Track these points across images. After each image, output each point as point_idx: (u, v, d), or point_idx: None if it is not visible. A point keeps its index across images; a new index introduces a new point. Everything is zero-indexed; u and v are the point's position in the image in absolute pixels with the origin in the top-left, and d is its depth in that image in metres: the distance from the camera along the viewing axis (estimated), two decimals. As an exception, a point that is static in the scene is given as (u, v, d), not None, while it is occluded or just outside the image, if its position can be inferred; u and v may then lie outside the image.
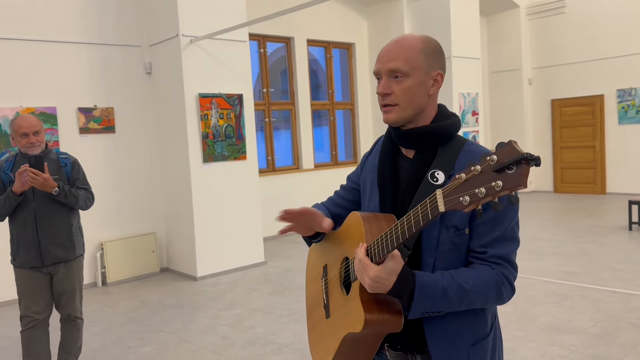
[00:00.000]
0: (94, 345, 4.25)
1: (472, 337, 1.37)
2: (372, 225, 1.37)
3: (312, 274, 1.74)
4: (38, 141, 3.24)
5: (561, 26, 11.01)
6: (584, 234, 7.24)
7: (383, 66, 1.37)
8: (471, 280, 1.28)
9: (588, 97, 10.79)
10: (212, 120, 6.19)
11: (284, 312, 4.78)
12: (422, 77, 1.37)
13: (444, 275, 1.29)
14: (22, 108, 5.59)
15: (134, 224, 6.48)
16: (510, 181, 0.97)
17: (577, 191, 11.14)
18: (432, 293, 1.25)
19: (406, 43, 1.37)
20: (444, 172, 1.34)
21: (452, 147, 1.38)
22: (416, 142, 1.40)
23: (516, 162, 0.97)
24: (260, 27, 7.99)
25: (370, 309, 1.32)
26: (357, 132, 9.76)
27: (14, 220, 3.28)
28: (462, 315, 1.35)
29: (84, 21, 6.07)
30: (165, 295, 5.58)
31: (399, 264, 1.25)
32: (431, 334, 1.35)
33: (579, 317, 4.22)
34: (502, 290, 1.32)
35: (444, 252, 1.34)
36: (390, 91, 1.37)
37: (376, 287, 1.25)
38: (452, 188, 1.07)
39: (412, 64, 1.35)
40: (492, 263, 1.32)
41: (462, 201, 1.04)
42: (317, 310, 1.66)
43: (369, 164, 1.59)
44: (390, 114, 1.39)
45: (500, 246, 1.32)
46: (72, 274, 3.39)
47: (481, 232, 1.33)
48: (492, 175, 1.00)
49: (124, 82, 6.38)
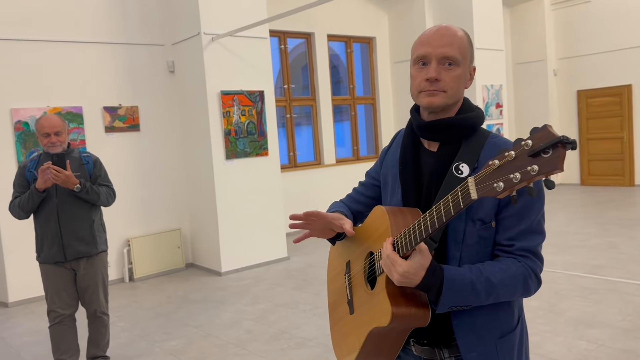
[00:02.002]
0: (121, 340, 4.34)
1: (499, 330, 1.37)
2: (398, 219, 1.36)
3: (334, 271, 1.72)
4: (59, 141, 3.32)
5: (587, 15, 10.77)
6: (611, 226, 7.10)
7: (435, 50, 1.34)
8: (499, 273, 1.28)
9: (615, 88, 10.54)
10: (234, 117, 6.24)
11: (307, 307, 4.81)
12: (466, 69, 1.38)
13: (471, 269, 1.29)
14: (49, 108, 5.71)
15: (159, 220, 6.57)
16: (547, 165, 0.96)
17: (604, 183, 10.92)
18: (460, 287, 1.25)
19: (455, 32, 1.36)
20: (468, 164, 1.33)
21: (476, 139, 1.37)
22: (440, 133, 1.39)
23: (552, 145, 0.96)
24: (280, 23, 8.01)
25: (397, 302, 1.31)
26: (379, 127, 9.72)
27: (38, 217, 3.38)
28: (489, 308, 1.34)
29: (108, 22, 6.17)
30: (190, 290, 5.66)
31: (427, 259, 1.24)
32: (459, 327, 1.34)
33: (607, 311, 4.14)
34: (529, 283, 1.31)
35: (470, 245, 1.33)
36: (441, 77, 1.34)
37: (405, 282, 1.25)
38: (484, 175, 1.05)
39: (464, 53, 1.36)
40: (519, 256, 1.31)
41: (495, 187, 1.03)
42: (341, 307, 1.63)
43: (389, 158, 1.57)
44: (437, 98, 1.35)
45: (527, 239, 1.32)
46: (95, 270, 3.46)
47: (508, 225, 1.32)
48: (527, 160, 0.98)
49: (147, 81, 6.46)
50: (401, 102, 9.69)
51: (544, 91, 11.26)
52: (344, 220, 1.50)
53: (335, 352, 1.66)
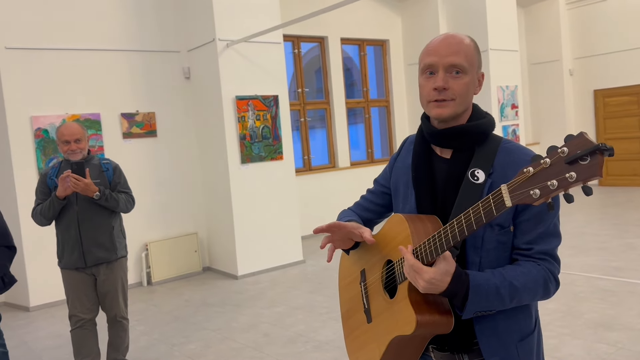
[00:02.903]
0: (141, 343, 4.39)
1: (519, 333, 1.38)
2: (418, 226, 1.36)
3: (346, 279, 1.70)
4: (79, 148, 3.37)
5: (602, 14, 10.66)
6: (631, 228, 7.01)
7: (442, 60, 1.34)
8: (521, 277, 1.29)
9: (633, 87, 10.41)
10: (249, 122, 6.29)
11: (323, 310, 4.82)
12: (474, 76, 1.39)
13: (494, 273, 1.30)
14: (68, 115, 5.81)
15: (176, 225, 6.64)
16: (585, 172, 0.97)
17: (623, 184, 10.78)
18: (485, 292, 1.26)
19: (462, 40, 1.37)
20: (483, 170, 1.34)
21: (489, 145, 1.38)
22: (454, 141, 1.40)
23: (590, 152, 0.96)
24: (294, 28, 8.05)
25: (420, 310, 1.31)
26: (393, 129, 9.72)
27: (59, 224, 3.44)
28: (510, 312, 1.36)
29: (125, 29, 6.26)
30: (207, 294, 5.70)
31: (451, 265, 1.25)
32: (482, 332, 1.35)
33: (627, 314, 4.10)
34: (549, 286, 1.33)
35: (489, 250, 1.34)
36: (448, 86, 1.35)
37: (430, 289, 1.25)
38: (518, 182, 1.06)
39: (471, 61, 1.37)
40: (538, 259, 1.33)
41: (532, 194, 1.04)
42: (356, 316, 1.62)
43: (399, 165, 1.57)
44: (446, 109, 1.36)
45: (545, 242, 1.33)
46: (114, 275, 3.51)
47: (525, 229, 1.33)
48: (565, 167, 0.99)
49: (164, 87, 6.54)
50: (415, 104, 9.66)
51: (560, 91, 11.16)
52: (363, 229, 1.49)
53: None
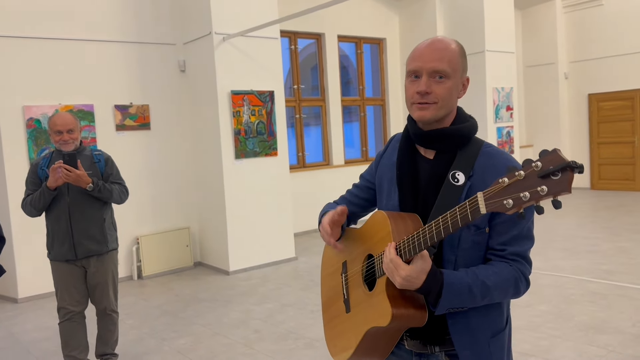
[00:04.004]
0: (130, 337, 4.35)
1: (491, 330, 1.44)
2: (399, 224, 1.41)
3: (328, 269, 1.76)
4: (71, 139, 3.33)
5: (599, 19, 10.70)
6: (622, 231, 7.04)
7: (425, 65, 1.40)
8: (493, 277, 1.35)
9: (627, 92, 10.47)
10: (244, 117, 6.25)
11: (314, 308, 4.81)
12: (458, 80, 1.43)
13: (467, 272, 1.36)
14: (61, 106, 5.75)
15: (168, 219, 6.60)
16: (555, 187, 1.02)
17: (614, 188, 10.84)
18: (458, 290, 1.32)
19: (446, 45, 1.41)
20: (464, 173, 1.39)
21: (470, 148, 1.44)
22: (437, 142, 1.45)
23: (561, 169, 1.02)
24: (291, 23, 8.01)
25: (396, 304, 1.37)
26: (388, 128, 9.71)
27: (49, 215, 3.39)
28: (482, 309, 1.41)
29: (120, 20, 6.20)
30: (198, 289, 5.67)
31: (428, 263, 1.30)
32: (455, 328, 1.41)
33: (618, 317, 4.11)
34: (520, 286, 1.40)
35: (465, 249, 1.40)
36: (431, 90, 1.40)
37: (406, 285, 1.31)
38: (493, 192, 1.12)
39: (454, 66, 1.41)
40: (510, 260, 1.39)
41: (505, 204, 1.09)
42: (336, 305, 1.69)
43: (385, 162, 1.62)
44: (427, 112, 1.42)
45: (518, 244, 1.39)
46: (105, 268, 3.47)
47: (500, 230, 1.39)
48: (537, 181, 1.04)
49: (158, 80, 6.49)
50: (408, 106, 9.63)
51: (555, 94, 11.20)
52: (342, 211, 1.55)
53: (329, 348, 1.71)
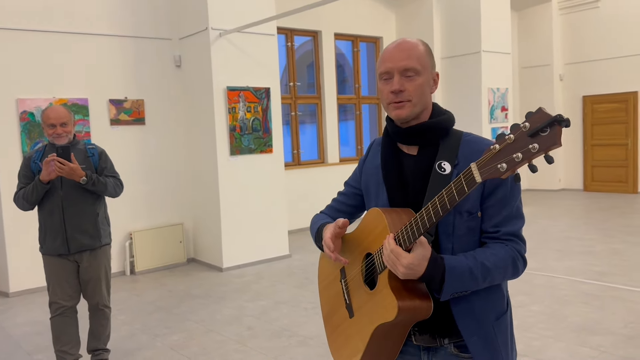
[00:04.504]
0: (122, 333, 4.33)
1: (495, 313, 1.46)
2: (394, 217, 1.42)
3: (326, 280, 1.75)
4: (65, 132, 3.29)
5: (594, 21, 10.74)
6: (615, 233, 7.08)
7: (395, 65, 1.44)
8: (491, 257, 1.38)
9: (621, 94, 10.51)
10: (240, 114, 6.23)
11: (308, 305, 4.80)
12: (428, 76, 1.48)
13: (467, 256, 1.38)
14: (55, 99, 5.70)
15: (162, 214, 6.57)
16: (546, 142, 1.05)
17: (607, 190, 10.89)
18: (460, 274, 1.34)
19: (413, 45, 1.47)
20: (449, 162, 1.43)
21: (451, 139, 1.47)
22: (419, 137, 1.49)
23: (549, 124, 1.05)
24: (288, 20, 7.99)
25: (401, 296, 1.36)
26: (383, 127, 9.69)
27: (42, 208, 3.36)
28: (484, 293, 1.43)
29: (116, 15, 6.15)
30: (191, 285, 5.65)
31: (427, 250, 1.32)
32: (459, 314, 1.42)
33: (610, 318, 4.12)
34: (517, 264, 1.43)
35: (460, 236, 1.43)
36: (404, 88, 1.44)
37: (409, 274, 1.31)
38: (486, 159, 1.13)
39: (423, 63, 1.46)
40: (505, 240, 1.43)
41: (499, 168, 1.11)
42: (338, 313, 1.65)
43: (368, 166, 1.65)
44: (403, 110, 1.46)
45: (510, 224, 1.43)
46: (98, 262, 3.44)
47: (492, 213, 1.43)
48: (527, 140, 1.07)
49: (154, 75, 6.45)
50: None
51: (550, 96, 11.23)
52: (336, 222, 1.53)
53: (335, 358, 1.66)
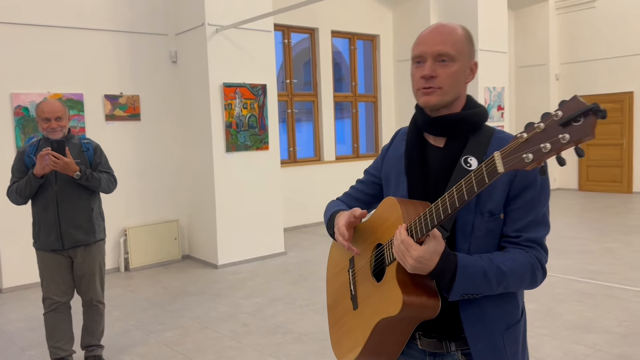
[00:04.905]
0: (116, 329, 4.31)
1: (505, 322, 1.38)
2: (409, 208, 1.35)
3: (334, 270, 1.67)
4: (60, 126, 3.27)
5: (591, 21, 10.76)
6: (609, 232, 7.10)
7: (429, 49, 1.35)
8: (508, 262, 1.29)
9: (617, 94, 10.55)
10: (236, 110, 6.20)
11: (303, 302, 4.79)
12: (464, 64, 1.38)
13: (482, 257, 1.30)
14: (50, 94, 5.67)
15: (157, 211, 6.54)
16: (578, 132, 0.96)
17: (602, 189, 10.93)
18: (473, 274, 1.26)
19: (451, 29, 1.37)
20: (477, 158, 1.34)
21: (482, 135, 1.39)
22: (448, 128, 1.40)
23: (583, 113, 0.96)
24: (284, 17, 7.97)
25: (408, 290, 1.28)
26: (380, 125, 9.70)
27: (36, 203, 3.33)
28: (497, 300, 1.35)
29: (112, 9, 6.12)
30: (186, 282, 5.63)
31: (441, 245, 1.24)
32: (468, 320, 1.34)
33: (604, 317, 4.14)
34: (536, 273, 1.34)
35: (478, 237, 1.34)
36: (436, 74, 1.35)
37: (418, 268, 1.24)
38: (511, 148, 1.05)
39: (459, 49, 1.36)
40: (526, 247, 1.34)
41: (524, 158, 1.02)
42: (342, 305, 1.58)
43: (391, 155, 1.58)
44: (432, 97, 1.37)
45: (534, 230, 1.34)
46: (92, 258, 3.42)
47: (516, 217, 1.34)
48: (558, 129, 0.99)
49: (149, 70, 6.42)
50: (403, 101, 9.65)
51: (546, 95, 11.25)
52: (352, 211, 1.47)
53: (335, 351, 1.59)
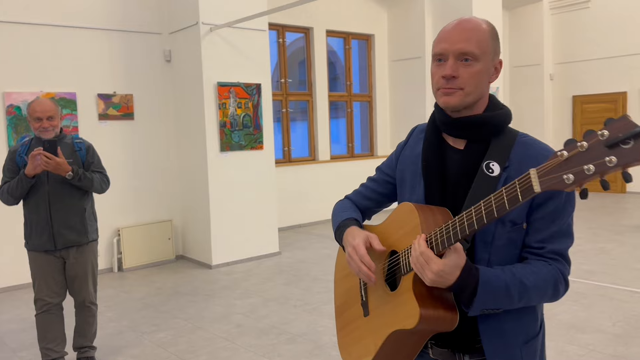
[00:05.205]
0: (109, 330, 4.28)
1: (524, 335, 1.33)
2: (427, 216, 1.28)
3: (343, 271, 1.62)
4: (51, 126, 3.24)
5: (585, 21, 10.80)
6: (603, 232, 7.12)
7: (451, 47, 1.28)
8: (531, 276, 1.24)
9: (611, 94, 10.59)
10: (230, 109, 6.18)
11: (297, 303, 4.78)
12: (488, 64, 1.31)
13: (504, 270, 1.24)
14: (43, 93, 5.63)
15: (150, 211, 6.51)
16: (627, 156, 0.89)
17: (595, 189, 10.95)
18: (495, 289, 1.20)
19: (475, 25, 1.30)
20: (499, 163, 1.28)
21: (505, 138, 1.32)
22: (469, 131, 1.33)
23: (634, 135, 0.88)
24: (279, 16, 7.95)
25: (425, 303, 1.24)
26: (375, 125, 9.69)
27: (27, 203, 3.30)
28: (516, 313, 1.30)
29: (105, 7, 6.08)
30: (180, 283, 5.60)
31: (462, 258, 1.18)
32: (486, 333, 1.29)
33: (598, 317, 4.14)
34: (559, 287, 1.28)
35: (499, 247, 1.28)
36: (458, 74, 1.28)
37: (438, 282, 1.18)
38: (549, 167, 0.99)
39: (483, 48, 1.29)
40: (549, 259, 1.28)
41: (565, 179, 0.96)
42: (352, 309, 1.55)
43: (407, 154, 1.50)
44: (452, 97, 1.29)
45: (558, 242, 1.28)
46: (84, 259, 3.40)
47: (539, 227, 1.27)
48: (603, 151, 0.92)
49: (143, 69, 6.39)
50: (398, 101, 9.65)
51: (540, 95, 11.28)
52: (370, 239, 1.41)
53: (343, 357, 1.58)
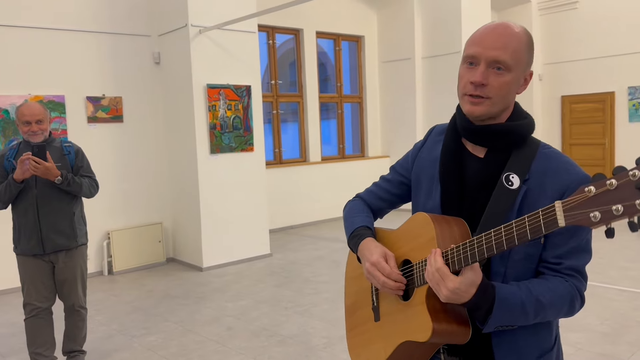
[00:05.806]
0: (99, 334, 4.26)
1: (539, 349, 1.31)
2: (444, 229, 1.27)
3: (355, 271, 1.61)
4: (40, 129, 3.22)
5: (573, 22, 10.88)
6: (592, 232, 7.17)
7: (485, 52, 1.23)
8: (548, 293, 1.22)
9: (599, 94, 10.68)
10: (220, 111, 6.17)
11: (289, 305, 4.78)
12: (520, 75, 1.27)
13: (520, 287, 1.22)
14: (31, 96, 5.59)
15: (140, 213, 6.48)
16: None
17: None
18: (510, 307, 1.19)
19: (513, 33, 1.25)
20: (519, 175, 1.25)
21: (527, 149, 1.29)
22: (490, 140, 1.30)
23: None
24: (269, 18, 7.95)
25: (438, 318, 1.24)
26: (365, 126, 9.72)
27: (16, 208, 3.28)
28: (531, 327, 1.29)
29: (93, 10, 6.05)
30: (171, 285, 5.59)
31: (478, 276, 1.17)
32: (499, 347, 1.28)
33: (586, 315, 4.18)
34: (575, 304, 1.26)
35: (515, 261, 1.26)
36: (487, 82, 1.24)
37: (453, 299, 1.18)
38: (576, 202, 0.97)
39: (518, 58, 1.25)
40: (566, 275, 1.26)
41: (591, 217, 0.94)
42: (362, 311, 1.57)
43: (424, 156, 1.47)
44: (479, 107, 1.26)
45: (575, 258, 1.26)
46: (74, 263, 3.38)
47: (557, 242, 1.25)
48: (634, 193, 0.89)
49: (132, 72, 6.37)
50: (388, 102, 9.69)
51: (529, 96, 11.35)
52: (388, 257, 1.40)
53: (352, 357, 1.61)
